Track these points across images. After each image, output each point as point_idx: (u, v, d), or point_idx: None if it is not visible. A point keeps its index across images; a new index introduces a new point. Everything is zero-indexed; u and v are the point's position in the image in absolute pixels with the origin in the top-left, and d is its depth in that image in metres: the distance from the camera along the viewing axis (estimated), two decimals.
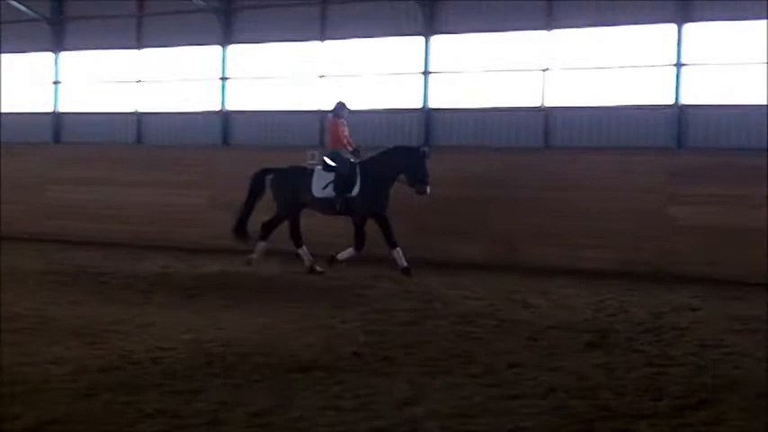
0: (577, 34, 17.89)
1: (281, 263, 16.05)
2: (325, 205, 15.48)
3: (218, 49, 21.06)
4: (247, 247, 15.84)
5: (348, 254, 15.31)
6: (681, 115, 16.89)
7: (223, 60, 21.00)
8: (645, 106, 17.29)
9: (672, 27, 16.97)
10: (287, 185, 15.81)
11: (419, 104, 19.16)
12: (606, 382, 7.60)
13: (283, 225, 15.87)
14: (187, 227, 19.78)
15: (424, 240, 17.01)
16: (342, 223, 15.78)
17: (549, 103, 18.12)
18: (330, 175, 15.38)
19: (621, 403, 6.87)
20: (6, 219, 20.88)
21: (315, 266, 15.43)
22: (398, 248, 15.09)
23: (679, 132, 16.88)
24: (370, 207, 15.25)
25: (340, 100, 16.42)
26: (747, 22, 16.38)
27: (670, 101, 17.00)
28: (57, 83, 22.97)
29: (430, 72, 19.11)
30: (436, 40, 19.12)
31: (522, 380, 7.61)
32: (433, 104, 19.18)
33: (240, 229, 16.02)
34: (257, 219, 15.92)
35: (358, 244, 15.26)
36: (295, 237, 15.78)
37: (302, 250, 15.67)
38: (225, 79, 21.00)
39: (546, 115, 18.06)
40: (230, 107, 21.13)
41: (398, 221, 15.62)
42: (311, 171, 15.75)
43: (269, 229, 15.89)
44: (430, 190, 14.91)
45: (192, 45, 21.33)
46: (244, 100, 21.07)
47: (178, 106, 21.70)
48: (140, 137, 21.89)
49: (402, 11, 19.22)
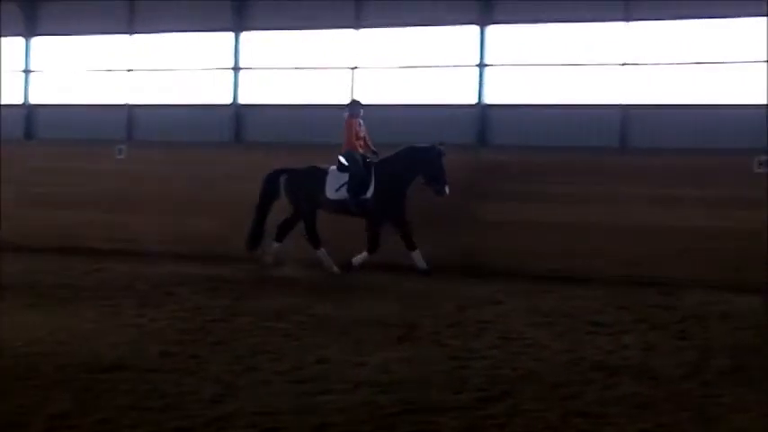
0: (384, 34, 18.29)
1: (85, 261, 15.36)
2: (339, 207, 14.81)
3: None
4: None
5: (362, 258, 14.74)
6: (484, 114, 17.48)
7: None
8: (450, 105, 17.83)
9: (474, 29, 17.55)
10: (301, 186, 15.12)
11: (230, 100, 19.20)
12: (411, 375, 7.70)
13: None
14: None
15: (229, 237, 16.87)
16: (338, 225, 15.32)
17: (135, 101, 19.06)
18: (344, 176, 14.68)
19: (425, 397, 6.96)
20: None
21: (333, 268, 14.85)
22: (417, 251, 14.55)
23: (482, 130, 17.46)
24: (384, 209, 14.69)
25: (354, 98, 15.77)
26: (548, 24, 17.24)
27: (473, 100, 17.59)
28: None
29: (241, 68, 19.12)
30: (246, 36, 19.16)
31: (330, 375, 7.64)
32: (244, 100, 19.20)
33: (254, 238, 15.28)
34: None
35: (370, 247, 14.74)
36: (312, 239, 15.09)
37: (321, 252, 15.03)
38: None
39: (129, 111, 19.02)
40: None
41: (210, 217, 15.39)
42: (325, 172, 14.97)
43: (284, 230, 15.26)
44: (449, 190, 14.36)
45: None
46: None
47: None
48: None
49: (212, 7, 19.20)
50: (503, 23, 17.57)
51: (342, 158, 14.83)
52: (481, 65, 17.50)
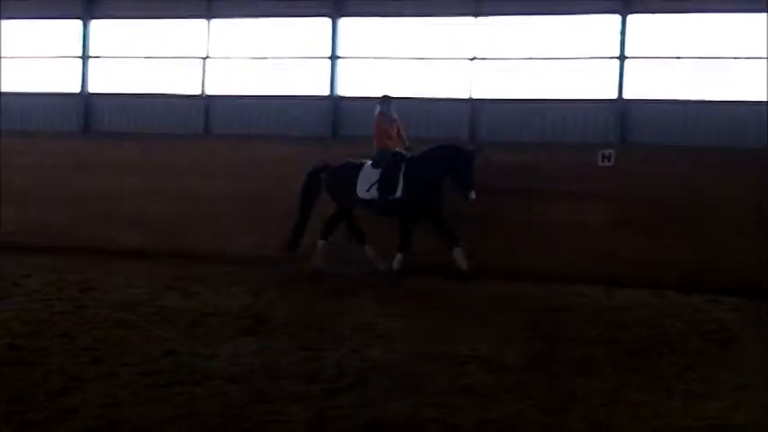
0: (235, 25, 18.11)
1: None
2: (370, 207, 14.39)
3: None
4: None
5: (399, 261, 14.18)
6: (337, 106, 17.45)
7: None
8: (304, 97, 17.71)
9: (327, 21, 17.51)
10: (338, 184, 14.62)
11: (78, 89, 18.70)
12: (262, 367, 7.71)
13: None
14: None
15: (81, 228, 16.66)
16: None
17: (211, 92, 18.18)
18: (375, 175, 14.24)
19: (276, 388, 7.00)
20: None
21: (318, 263, 14.48)
22: (459, 249, 13.94)
23: (335, 122, 17.45)
24: (414, 207, 14.18)
25: (384, 94, 15.16)
26: (400, 18, 17.29)
27: (326, 92, 17.54)
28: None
29: (90, 57, 18.68)
30: (96, 24, 18.74)
31: (179, 367, 7.59)
32: (94, 89, 18.75)
33: (295, 239, 14.78)
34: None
35: (401, 245, 14.23)
36: (354, 235, 14.69)
37: (321, 243, 14.59)
38: None
39: (206, 103, 18.10)
40: None
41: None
42: (359, 168, 14.50)
43: (330, 227, 14.71)
44: (475, 195, 13.70)
45: None
46: None
47: None
48: None
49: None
50: (355, 16, 17.57)
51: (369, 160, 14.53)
52: (333, 57, 17.50)
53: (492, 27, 16.98)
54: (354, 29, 17.67)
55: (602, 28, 16.45)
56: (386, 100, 14.88)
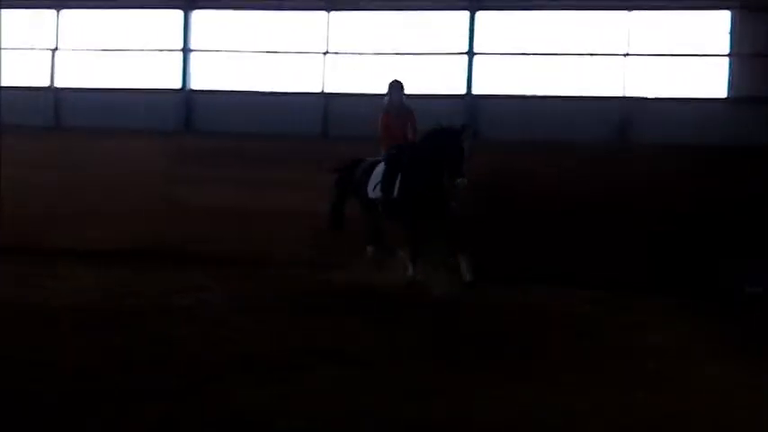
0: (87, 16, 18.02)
1: None
2: (376, 208, 13.03)
3: None
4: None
5: (411, 272, 12.36)
6: (189, 99, 17.52)
7: None
8: (153, 90, 17.71)
9: (179, 13, 17.57)
10: (356, 183, 13.39)
11: None
12: (114, 362, 7.65)
13: None
14: None
15: None
16: None
17: (60, 84, 18.05)
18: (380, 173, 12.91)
19: (129, 383, 6.97)
20: None
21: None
22: (463, 256, 11.97)
23: (188, 116, 17.52)
24: (410, 209, 12.41)
25: (395, 79, 13.41)
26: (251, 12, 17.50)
27: (178, 86, 17.58)
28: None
29: None
30: None
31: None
32: None
33: (336, 219, 13.95)
34: None
35: (411, 256, 12.44)
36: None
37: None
38: None
39: (54, 96, 17.93)
40: None
41: None
42: (375, 164, 13.18)
43: (370, 232, 13.60)
44: (466, 182, 11.76)
45: None
46: None
47: None
48: None
49: None
50: (207, 8, 17.69)
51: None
52: (185, 50, 17.55)
53: (345, 22, 17.31)
54: (207, 22, 17.77)
55: (452, 24, 16.88)
56: (395, 86, 13.23)
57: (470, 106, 16.55)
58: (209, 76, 17.86)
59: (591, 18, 16.42)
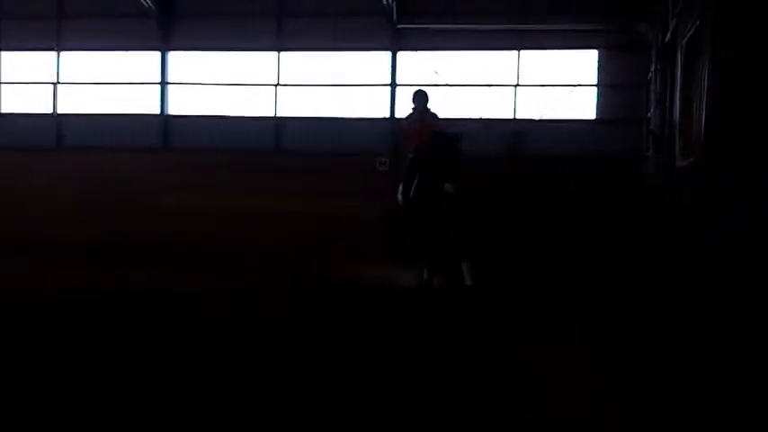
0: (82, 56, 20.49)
1: None
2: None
3: None
4: None
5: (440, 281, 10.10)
6: (166, 122, 19.93)
7: None
8: (137, 115, 20.10)
9: (157, 54, 20.06)
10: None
11: None
12: None
13: None
14: None
15: None
16: None
17: (62, 111, 20.40)
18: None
19: None
20: None
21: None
22: (466, 263, 10.04)
23: (165, 135, 19.90)
24: (418, 213, 10.48)
25: (418, 89, 11.53)
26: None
27: (157, 111, 20.08)
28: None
29: None
30: None
31: None
32: None
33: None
34: None
35: (425, 257, 10.53)
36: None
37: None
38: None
39: (56, 121, 20.35)
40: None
41: None
42: None
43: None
44: (452, 188, 10.11)
45: None
46: None
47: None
48: None
49: None
50: (180, 50, 20.09)
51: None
52: (163, 83, 19.97)
53: (292, 60, 19.74)
54: (181, 60, 20.23)
55: (375, 61, 19.51)
56: (419, 95, 11.39)
57: (393, 127, 18.57)
58: (182, 103, 20.15)
59: (488, 57, 18.85)
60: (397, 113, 19.33)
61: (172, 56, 20.29)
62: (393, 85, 19.45)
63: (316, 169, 17.36)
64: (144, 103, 20.37)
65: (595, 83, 18.82)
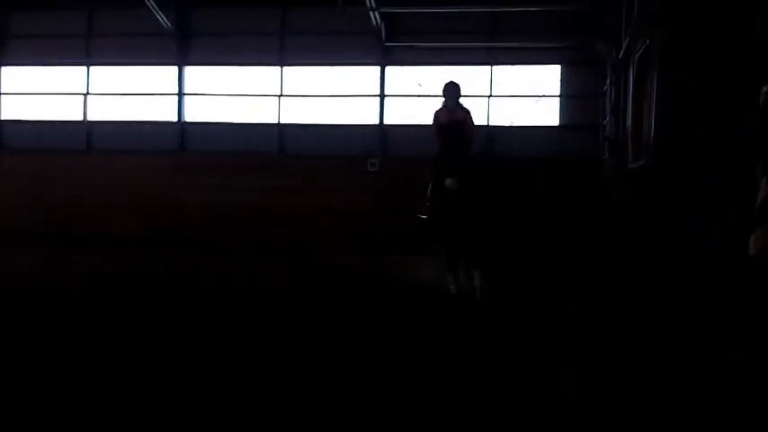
0: (109, 70, 21.45)
1: None
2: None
3: None
4: None
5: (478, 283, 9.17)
6: (183, 129, 20.96)
7: None
8: (157, 122, 21.13)
9: (175, 68, 21.13)
10: None
11: None
12: None
13: None
14: None
15: None
16: None
17: (92, 118, 21.32)
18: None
19: None
20: None
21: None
22: (478, 273, 9.23)
23: (182, 140, 20.95)
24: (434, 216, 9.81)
25: (450, 80, 10.49)
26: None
27: (175, 119, 21.06)
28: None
29: None
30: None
31: None
32: None
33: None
34: None
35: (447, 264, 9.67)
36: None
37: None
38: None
39: (87, 127, 21.27)
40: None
41: None
42: None
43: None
44: (453, 185, 9.30)
45: None
46: None
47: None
48: None
49: None
50: (195, 65, 21.01)
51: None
52: (180, 93, 20.95)
53: (293, 73, 20.84)
54: (196, 74, 21.29)
55: (366, 76, 20.63)
56: (450, 86, 10.18)
57: (382, 133, 20.19)
58: (197, 111, 21.14)
59: (464, 71, 19.55)
60: (386, 120, 20.39)
61: (188, 70, 21.32)
62: (382, 96, 20.52)
63: (314, 169, 18.38)
64: (163, 111, 21.38)
65: (558, 94, 19.91)
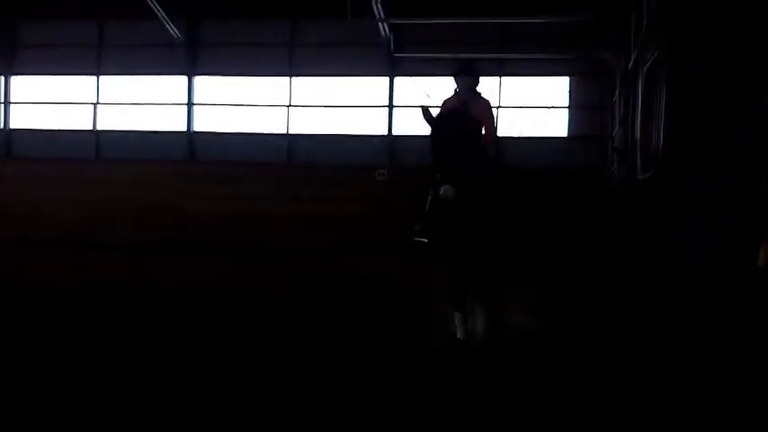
0: (118, 80, 21.14)
1: None
2: None
3: None
4: None
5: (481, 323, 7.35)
6: (192, 138, 20.64)
7: None
8: (167, 132, 20.73)
9: (184, 78, 20.73)
10: None
11: None
12: None
13: None
14: None
15: None
16: None
17: (101, 127, 21.05)
18: None
19: None
20: None
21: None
22: (482, 308, 7.42)
23: (192, 150, 20.60)
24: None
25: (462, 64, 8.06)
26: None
27: (184, 129, 20.74)
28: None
29: None
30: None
31: None
32: None
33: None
34: None
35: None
36: None
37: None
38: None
39: (96, 137, 20.95)
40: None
41: None
42: None
43: None
44: (450, 192, 6.81)
45: None
46: None
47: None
48: None
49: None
50: (204, 75, 20.65)
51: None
52: (189, 103, 20.59)
53: (302, 84, 20.37)
54: (206, 84, 20.89)
55: (375, 86, 20.21)
56: (464, 72, 7.75)
57: (390, 143, 19.77)
58: (206, 121, 20.80)
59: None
60: (395, 131, 19.89)
61: (197, 80, 20.93)
62: (390, 107, 20.02)
63: (323, 178, 17.94)
64: (172, 121, 21.01)
65: (567, 105, 19.39)
